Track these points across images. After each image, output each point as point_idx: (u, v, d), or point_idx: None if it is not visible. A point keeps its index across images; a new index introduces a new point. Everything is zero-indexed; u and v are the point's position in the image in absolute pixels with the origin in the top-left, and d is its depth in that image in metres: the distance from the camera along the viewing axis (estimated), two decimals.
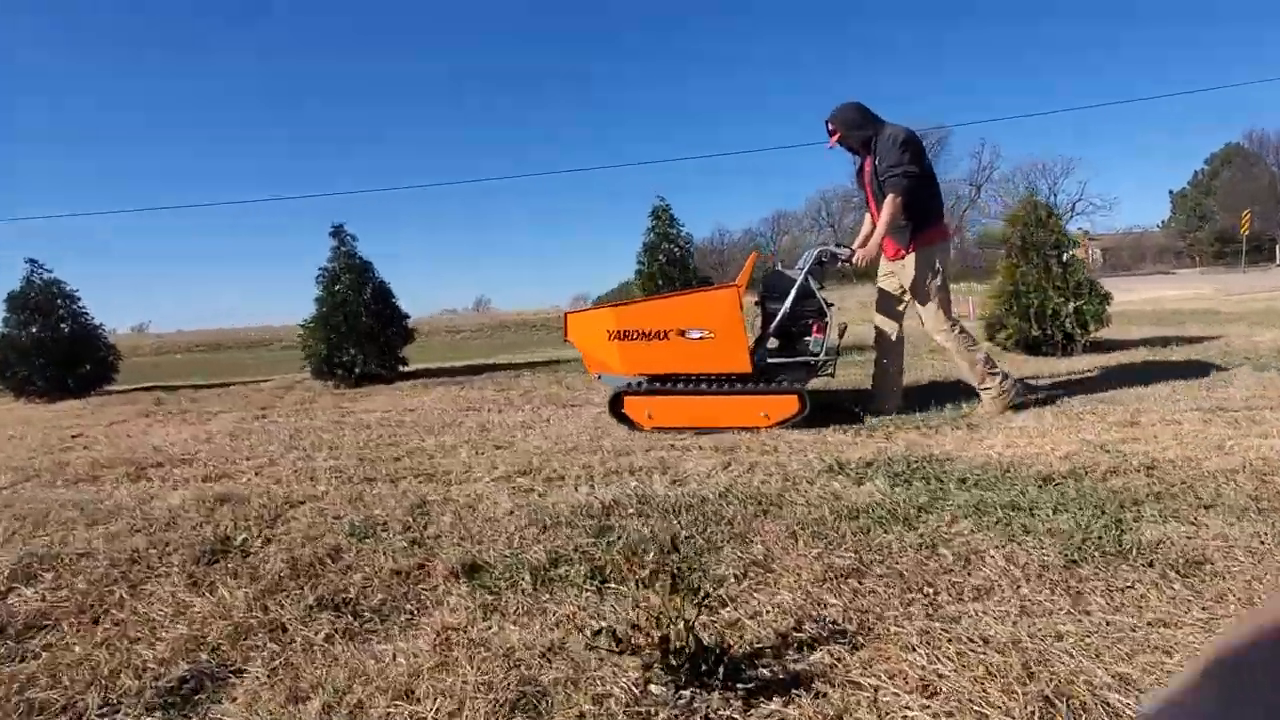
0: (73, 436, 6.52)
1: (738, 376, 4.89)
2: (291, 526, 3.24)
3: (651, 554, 2.21)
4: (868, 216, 5.24)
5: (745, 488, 3.41)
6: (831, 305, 5.04)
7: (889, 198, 4.75)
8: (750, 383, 4.86)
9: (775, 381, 4.89)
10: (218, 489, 3.97)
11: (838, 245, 5.05)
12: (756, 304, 5.17)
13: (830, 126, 4.88)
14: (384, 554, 2.79)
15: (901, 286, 5.04)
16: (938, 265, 4.91)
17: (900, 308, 5.12)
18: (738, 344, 4.82)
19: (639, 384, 4.95)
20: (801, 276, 4.96)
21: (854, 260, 4.90)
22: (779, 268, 5.12)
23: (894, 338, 5.15)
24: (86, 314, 11.74)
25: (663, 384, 4.92)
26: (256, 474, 4.36)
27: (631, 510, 3.16)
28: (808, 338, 4.98)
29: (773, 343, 5.08)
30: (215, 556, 2.92)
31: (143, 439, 6.05)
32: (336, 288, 10.19)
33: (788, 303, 4.95)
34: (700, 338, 4.85)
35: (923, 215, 4.85)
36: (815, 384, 5.37)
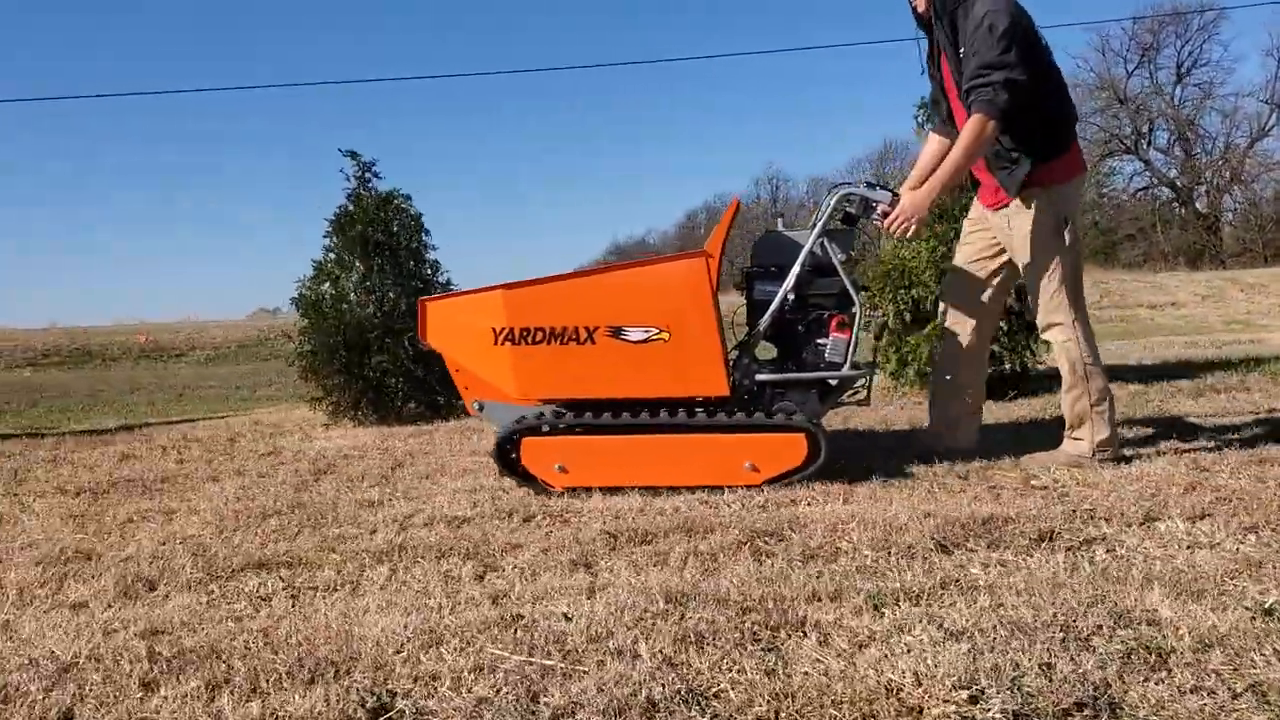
0: None
1: (709, 403, 2.98)
2: None
3: None
4: (930, 140, 3.33)
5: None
6: (864, 289, 3.12)
7: (973, 120, 2.87)
8: (729, 413, 2.96)
9: (769, 411, 2.98)
10: None
11: (873, 184, 3.11)
12: (740, 287, 3.26)
13: None
14: None
15: (995, 250, 3.14)
16: (1066, 216, 3.06)
17: (987, 290, 3.21)
18: (707, 350, 2.91)
19: (544, 417, 3.04)
20: (812, 239, 3.04)
21: (893, 218, 2.98)
22: (779, 228, 3.20)
23: (971, 335, 3.22)
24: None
25: (585, 416, 3.01)
26: None
27: None
28: (822, 340, 3.08)
29: (765, 349, 3.15)
30: None
31: None
32: None
33: (789, 281, 3.04)
34: (645, 339, 2.95)
35: (1045, 138, 3.01)
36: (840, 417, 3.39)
